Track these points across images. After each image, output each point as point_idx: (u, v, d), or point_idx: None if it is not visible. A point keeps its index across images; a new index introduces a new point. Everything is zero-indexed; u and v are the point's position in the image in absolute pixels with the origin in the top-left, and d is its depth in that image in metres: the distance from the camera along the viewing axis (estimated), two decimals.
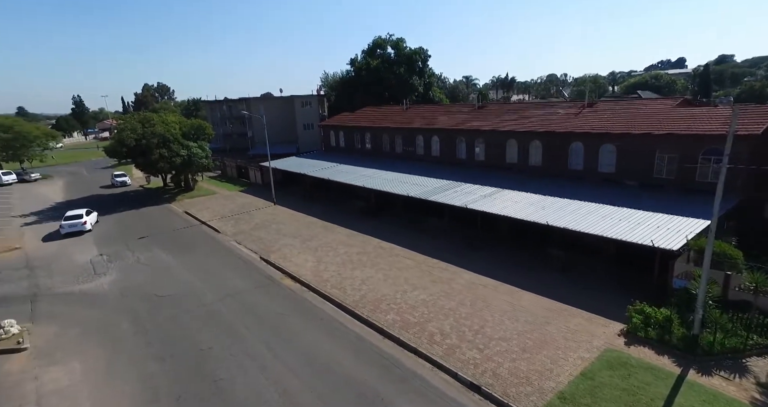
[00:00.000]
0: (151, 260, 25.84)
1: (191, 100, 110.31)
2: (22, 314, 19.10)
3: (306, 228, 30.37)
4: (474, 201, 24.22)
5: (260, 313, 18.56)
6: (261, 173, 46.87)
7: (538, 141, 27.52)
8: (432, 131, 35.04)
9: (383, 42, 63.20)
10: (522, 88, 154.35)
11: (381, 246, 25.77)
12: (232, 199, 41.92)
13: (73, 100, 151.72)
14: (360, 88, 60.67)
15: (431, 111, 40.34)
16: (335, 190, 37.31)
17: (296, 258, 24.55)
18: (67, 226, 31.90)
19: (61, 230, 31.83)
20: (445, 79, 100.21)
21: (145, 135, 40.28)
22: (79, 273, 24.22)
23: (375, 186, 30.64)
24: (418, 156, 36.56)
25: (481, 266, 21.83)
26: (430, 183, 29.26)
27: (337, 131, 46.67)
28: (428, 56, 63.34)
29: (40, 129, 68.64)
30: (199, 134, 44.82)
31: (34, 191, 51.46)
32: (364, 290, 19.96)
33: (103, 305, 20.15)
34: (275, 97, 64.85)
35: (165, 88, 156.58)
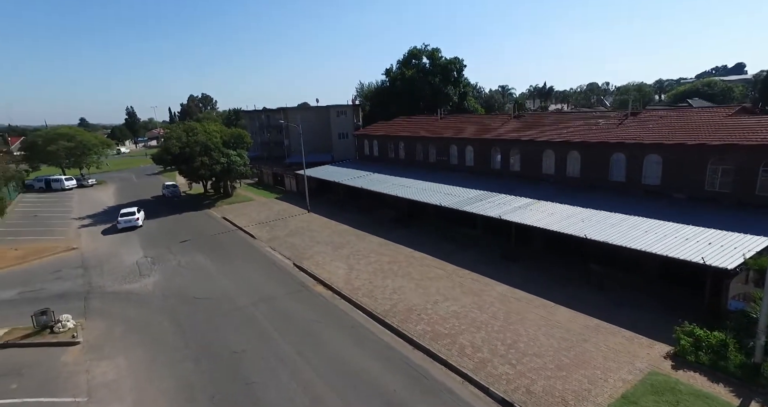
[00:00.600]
0: (190, 264, 26.95)
1: (232, 110, 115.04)
2: (77, 310, 20.37)
3: (338, 236, 30.75)
4: (508, 212, 23.73)
5: (292, 318, 18.88)
6: (296, 181, 48.04)
7: (576, 152, 26.69)
8: (466, 140, 34.77)
9: (419, 52, 63.65)
10: (560, 98, 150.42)
11: (412, 255, 25.67)
12: (268, 206, 43.15)
13: (127, 111, 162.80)
14: (395, 98, 61.23)
15: (466, 121, 40.05)
16: (368, 198, 37.63)
17: (328, 265, 24.87)
18: (123, 221, 36.26)
19: (118, 225, 36.21)
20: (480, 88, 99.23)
21: (188, 143, 42.42)
22: (126, 274, 25.62)
23: (408, 195, 30.67)
24: (452, 166, 36.31)
25: (515, 278, 21.28)
26: (463, 193, 28.96)
27: (371, 141, 47.20)
28: (464, 66, 63.15)
29: (97, 138, 73.87)
30: (239, 142, 46.61)
31: (91, 195, 55.14)
32: (394, 299, 19.91)
33: (147, 305, 21.17)
34: (311, 107, 66.58)
35: (208, 99, 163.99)
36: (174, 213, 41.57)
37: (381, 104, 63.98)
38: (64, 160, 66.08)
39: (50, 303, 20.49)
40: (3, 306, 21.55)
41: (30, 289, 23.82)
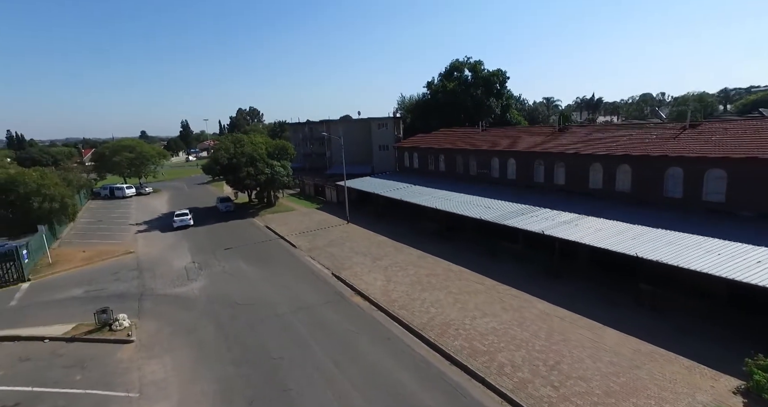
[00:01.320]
0: (234, 270, 28.00)
1: (277, 123, 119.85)
2: (131, 310, 21.68)
3: (377, 247, 30.88)
4: (552, 227, 22.86)
5: (329, 328, 19.06)
6: (336, 192, 48.95)
7: (626, 165, 25.40)
8: (508, 153, 34.07)
9: (460, 65, 63.60)
10: (610, 109, 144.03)
11: (451, 269, 25.28)
12: (309, 216, 44.18)
13: (181, 124, 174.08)
14: (436, 110, 61.32)
15: (508, 133, 39.33)
16: (407, 210, 37.61)
17: (366, 276, 24.98)
18: (178, 221, 41.68)
19: (174, 224, 41.37)
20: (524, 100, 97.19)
21: (235, 154, 44.55)
22: (175, 278, 27.01)
23: (447, 208, 30.36)
24: (493, 179, 35.64)
25: (558, 296, 20.37)
26: (504, 207, 28.29)
27: (412, 153, 47.38)
28: (506, 78, 62.33)
29: (155, 149, 79.44)
30: (282, 153, 48.34)
31: (147, 202, 59.00)
32: (432, 312, 19.62)
33: (193, 308, 22.16)
34: (353, 120, 67.92)
35: (255, 112, 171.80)
36: (221, 221, 43.51)
37: (422, 116, 64.26)
38: (126, 169, 71.54)
39: (110, 302, 22.01)
40: (72, 303, 23.36)
41: (94, 288, 25.67)
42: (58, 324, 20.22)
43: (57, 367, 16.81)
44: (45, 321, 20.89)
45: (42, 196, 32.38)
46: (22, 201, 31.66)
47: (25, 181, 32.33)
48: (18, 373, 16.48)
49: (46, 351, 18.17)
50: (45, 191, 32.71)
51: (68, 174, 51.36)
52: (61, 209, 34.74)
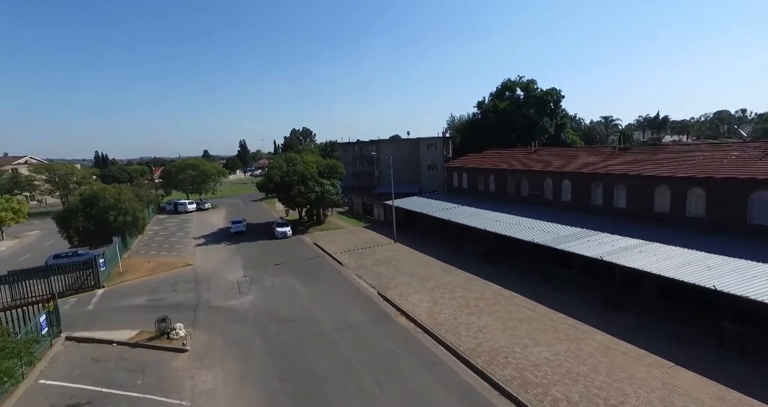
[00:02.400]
0: (283, 286, 28.70)
1: (328, 143, 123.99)
2: (187, 320, 22.77)
3: (423, 268, 30.44)
4: (612, 253, 21.36)
5: (374, 349, 18.82)
6: (384, 211, 49.25)
7: (699, 189, 23.35)
8: (563, 174, 32.66)
9: (512, 84, 62.77)
10: (678, 128, 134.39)
11: (500, 293, 24.27)
12: (357, 234, 44.66)
13: (240, 144, 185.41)
14: (486, 130, 60.60)
15: (563, 153, 37.85)
16: (455, 231, 36.93)
17: (412, 297, 24.59)
18: (234, 226, 48.01)
19: (231, 230, 47.96)
20: (580, 120, 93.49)
21: (288, 173, 46.41)
22: (228, 291, 28.14)
23: (497, 230, 29.45)
24: (546, 201, 34.22)
25: (620, 328, 18.79)
26: (558, 230, 26.95)
27: (461, 173, 46.85)
28: (561, 97, 60.56)
29: (215, 167, 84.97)
30: (332, 172, 49.67)
31: (206, 217, 62.70)
32: (480, 338, 18.82)
33: (243, 321, 22.87)
34: (402, 139, 68.74)
35: (308, 132, 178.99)
36: (272, 238, 45.07)
37: (472, 136, 63.73)
38: (189, 186, 76.94)
39: (168, 312, 23.27)
40: (137, 310, 25.01)
41: (155, 297, 27.38)
42: (125, 330, 21.67)
43: (122, 370, 17.92)
44: (114, 325, 22.48)
45: (118, 210, 35.40)
46: (102, 214, 34.79)
47: (105, 196, 35.59)
48: (91, 373, 17.78)
49: (114, 354, 19.46)
50: (121, 205, 35.77)
51: (140, 190, 56.12)
52: (133, 223, 37.77)
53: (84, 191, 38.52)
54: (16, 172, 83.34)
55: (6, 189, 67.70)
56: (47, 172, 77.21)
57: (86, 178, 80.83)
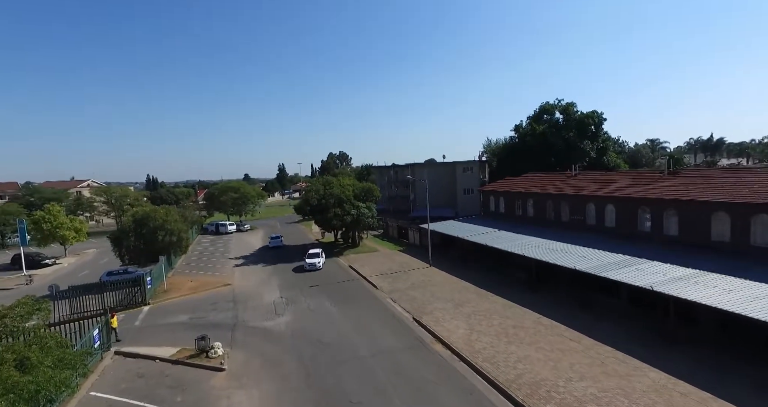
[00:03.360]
0: (318, 308, 28.84)
1: (364, 166, 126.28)
2: (225, 339, 23.26)
3: (459, 293, 29.75)
4: (664, 283, 20.04)
5: (409, 376, 18.37)
6: (419, 235, 48.96)
7: (766, 216, 21.65)
8: (606, 198, 31.39)
9: (551, 107, 62.02)
10: (735, 151, 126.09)
11: (541, 322, 23.21)
12: (391, 257, 44.51)
13: (278, 168, 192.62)
14: (524, 153, 59.80)
15: (605, 177, 36.54)
16: (492, 256, 36.02)
17: (448, 323, 23.98)
18: (272, 242, 52.62)
19: (269, 245, 52.46)
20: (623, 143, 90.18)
21: (324, 196, 47.41)
22: (265, 311, 28.60)
23: (536, 255, 28.49)
24: (589, 226, 32.88)
25: (677, 366, 17.36)
26: (602, 257, 25.70)
27: (498, 197, 46.10)
28: (603, 119, 59.07)
29: (255, 190, 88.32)
30: (368, 195, 50.25)
31: (245, 238, 64.73)
32: (519, 369, 17.96)
33: (279, 342, 23.06)
34: (438, 163, 68.88)
35: (344, 156, 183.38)
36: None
37: (508, 160, 63.00)
38: (230, 208, 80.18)
39: (208, 330, 23.87)
40: (178, 328, 25.87)
41: (196, 316, 28.25)
42: (167, 346, 22.40)
43: (164, 386, 18.43)
44: (157, 341, 23.33)
45: (165, 230, 37.35)
46: (151, 234, 36.80)
47: (154, 217, 37.74)
48: (136, 388, 18.43)
49: (157, 370, 20.10)
50: (168, 226, 37.74)
51: (185, 211, 59.06)
52: (178, 242, 39.65)
53: (136, 213, 41.06)
54: (79, 194, 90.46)
55: (71, 210, 73.23)
56: (105, 194, 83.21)
57: (138, 200, 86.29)
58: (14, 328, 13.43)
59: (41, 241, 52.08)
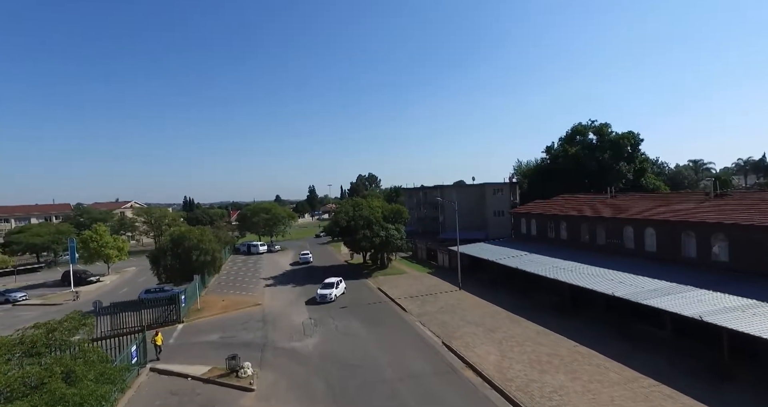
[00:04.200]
0: (346, 329, 28.71)
1: (393, 188, 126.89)
2: (254, 359, 23.45)
3: (490, 317, 28.93)
4: (715, 313, 18.75)
5: (438, 402, 17.84)
6: (449, 257, 48.34)
7: None
8: (646, 221, 30.10)
9: (583, 129, 60.98)
10: None
11: (577, 350, 22.13)
12: (420, 280, 44.00)
13: (309, 189, 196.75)
14: (555, 175, 58.70)
15: (645, 199, 35.21)
16: (524, 280, 34.98)
17: (478, 348, 23.28)
18: (302, 257, 59.16)
19: (299, 260, 58.56)
20: (663, 164, 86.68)
21: (354, 217, 47.86)
22: (293, 332, 28.74)
23: (571, 280, 27.46)
24: (627, 250, 31.51)
25: (736, 406, 16.00)
26: (642, 283, 24.46)
27: (529, 219, 45.13)
28: (639, 140, 57.40)
29: (286, 211, 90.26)
30: (397, 217, 50.35)
31: (275, 259, 65.87)
32: (556, 400, 17.09)
33: (307, 363, 23.03)
34: (467, 185, 68.32)
35: (373, 178, 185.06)
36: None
37: (540, 181, 61.95)
38: (262, 229, 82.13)
39: (238, 350, 24.21)
40: (210, 347, 26.38)
41: (227, 335, 28.73)
42: (199, 365, 22.83)
43: (195, 405, 18.73)
44: (190, 360, 23.84)
45: (200, 250, 38.63)
46: (186, 253, 38.15)
47: (190, 237, 39.20)
48: (169, 405, 18.83)
49: (189, 388, 20.46)
50: (202, 245, 39.04)
51: (219, 232, 61.03)
52: (212, 262, 40.82)
53: (173, 232, 42.84)
54: (123, 215, 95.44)
55: (114, 230, 77.22)
56: (146, 215, 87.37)
57: (175, 220, 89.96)
58: (63, 342, 14.13)
59: (88, 259, 54.95)
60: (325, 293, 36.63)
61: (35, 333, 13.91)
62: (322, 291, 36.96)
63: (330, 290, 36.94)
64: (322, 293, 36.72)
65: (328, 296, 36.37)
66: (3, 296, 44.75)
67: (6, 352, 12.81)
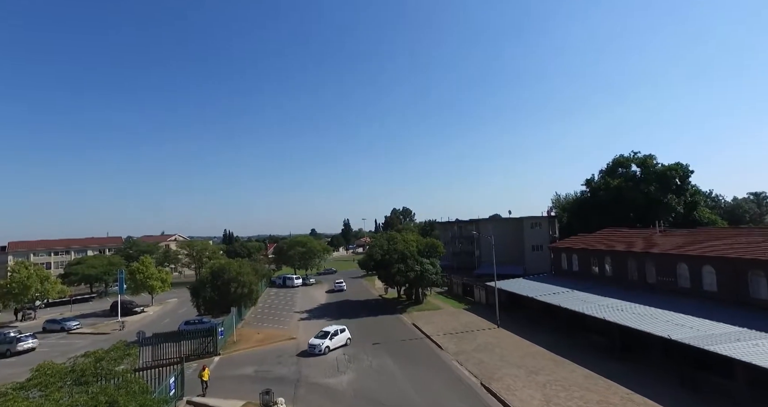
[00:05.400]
0: (381, 367, 27.91)
1: (427, 222, 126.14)
2: (288, 395, 23.13)
3: (532, 358, 27.31)
4: None
5: None
6: (486, 293, 46.74)
7: None
8: (703, 258, 27.99)
9: (626, 160, 59.10)
10: None
11: (632, 399, 20.29)
12: (456, 316, 42.58)
13: (344, 223, 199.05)
14: (597, 209, 56.59)
15: (700, 234, 33.09)
16: (566, 319, 33.08)
17: (520, 392, 21.87)
18: (336, 285, 63.89)
19: (334, 287, 63.30)
20: (718, 197, 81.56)
21: (388, 251, 47.67)
22: (327, 368, 28.25)
23: (620, 321, 25.69)
24: (681, 289, 29.33)
25: None
26: (704, 326, 22.50)
27: (570, 254, 43.26)
28: (689, 172, 54.70)
29: (321, 245, 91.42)
30: (432, 251, 49.68)
31: (310, 293, 66.11)
32: None
33: (340, 401, 22.42)
34: (504, 219, 67.10)
35: (408, 212, 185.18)
36: (371, 315, 45.23)
37: (580, 215, 59.85)
38: (297, 262, 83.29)
39: (272, 384, 24.02)
40: (245, 380, 26.35)
41: (262, 369, 28.64)
42: (234, 399, 22.79)
43: None
44: (225, 393, 23.84)
45: (238, 282, 39.52)
46: (225, 286, 39.12)
47: (228, 269, 40.32)
48: None
49: None
50: (240, 278, 39.95)
51: (256, 265, 62.40)
52: (249, 294, 41.51)
53: (213, 265, 44.23)
54: (167, 247, 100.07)
55: (159, 262, 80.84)
56: (188, 247, 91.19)
57: (215, 253, 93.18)
58: (108, 371, 14.63)
59: (134, 290, 57.50)
60: (316, 343, 31.60)
61: (85, 362, 14.51)
62: (313, 341, 32.07)
63: (322, 341, 31.68)
64: (313, 343, 31.79)
65: (317, 347, 31.27)
66: (59, 324, 47.31)
67: (59, 380, 13.39)
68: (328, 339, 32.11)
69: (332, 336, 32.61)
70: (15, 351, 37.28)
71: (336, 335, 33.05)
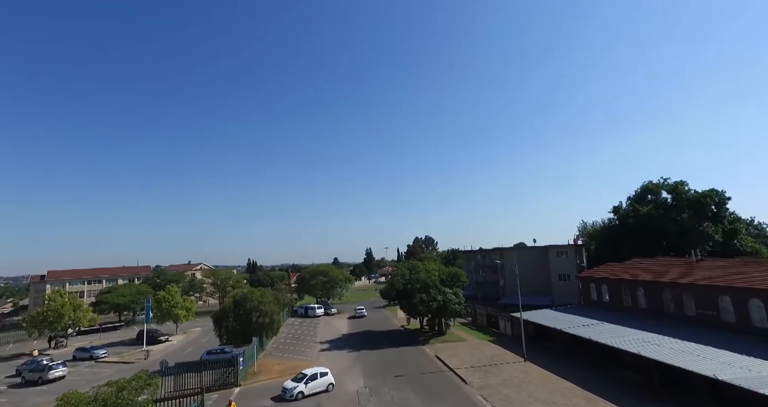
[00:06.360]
0: (402, 402, 26.91)
1: (450, 250, 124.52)
2: None
3: (562, 396, 25.78)
4: None
5: None
6: (511, 324, 45.07)
7: None
8: (750, 291, 26.20)
9: (655, 187, 57.38)
10: None
11: None
12: (481, 348, 41.01)
13: (366, 252, 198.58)
14: (626, 237, 54.65)
15: (742, 265, 31.28)
16: (596, 353, 31.30)
17: None
18: (358, 312, 67.34)
19: (356, 313, 67.70)
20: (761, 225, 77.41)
21: (410, 280, 47.00)
22: (348, 401, 27.47)
23: (658, 356, 24.08)
24: (724, 323, 27.49)
25: None
26: (754, 365, 20.79)
27: (599, 284, 41.53)
28: (725, 198, 52.38)
29: (343, 274, 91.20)
30: (455, 281, 48.64)
31: (331, 322, 65.33)
32: None
33: None
34: (528, 247, 65.50)
35: (430, 240, 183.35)
36: (393, 346, 44.11)
37: (608, 243, 57.88)
38: (319, 291, 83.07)
39: None
40: None
41: (282, 402, 28.09)
42: None
43: None
44: None
45: (259, 311, 39.55)
46: (247, 315, 39.22)
47: (251, 298, 40.51)
48: None
49: None
50: (262, 307, 39.99)
51: (279, 294, 62.52)
52: (270, 324, 41.36)
53: (236, 294, 44.57)
54: (193, 276, 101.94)
55: (185, 291, 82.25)
56: (213, 276, 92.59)
57: (239, 282, 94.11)
58: (129, 401, 14.73)
59: (160, 318, 58.36)
60: (289, 387, 28.50)
61: (107, 391, 14.69)
62: (287, 384, 29.02)
63: (295, 385, 28.46)
64: (286, 387, 28.70)
65: (288, 392, 28.08)
66: (88, 352, 48.26)
67: None
68: (302, 384, 28.60)
69: (308, 380, 28.99)
70: (46, 378, 38.10)
71: (314, 379, 29.32)
